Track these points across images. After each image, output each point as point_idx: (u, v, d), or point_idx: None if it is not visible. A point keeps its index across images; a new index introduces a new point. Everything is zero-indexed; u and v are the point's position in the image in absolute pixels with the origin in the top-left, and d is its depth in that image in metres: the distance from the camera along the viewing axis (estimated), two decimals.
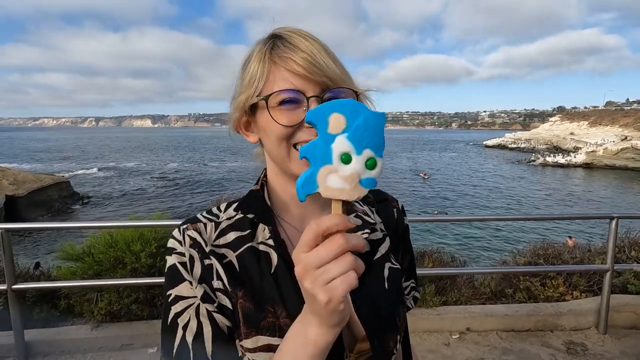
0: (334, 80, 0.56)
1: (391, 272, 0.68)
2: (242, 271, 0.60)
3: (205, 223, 0.64)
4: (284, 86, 0.55)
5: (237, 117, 0.62)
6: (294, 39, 0.56)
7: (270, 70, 0.57)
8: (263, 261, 0.61)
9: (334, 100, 0.43)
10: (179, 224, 0.64)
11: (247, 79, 0.59)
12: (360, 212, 0.71)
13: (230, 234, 0.63)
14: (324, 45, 0.58)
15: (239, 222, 0.64)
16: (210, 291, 0.58)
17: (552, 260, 3.59)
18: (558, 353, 2.82)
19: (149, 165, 48.22)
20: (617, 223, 2.91)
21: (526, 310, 3.13)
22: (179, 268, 0.59)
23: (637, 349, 2.80)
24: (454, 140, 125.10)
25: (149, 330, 2.82)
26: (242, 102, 0.60)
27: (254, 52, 0.60)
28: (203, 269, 0.59)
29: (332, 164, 0.42)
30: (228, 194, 5.60)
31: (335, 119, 0.41)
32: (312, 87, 0.56)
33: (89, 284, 2.82)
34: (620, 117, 59.38)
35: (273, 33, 0.60)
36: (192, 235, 0.61)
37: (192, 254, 0.60)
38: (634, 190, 29.25)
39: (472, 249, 12.70)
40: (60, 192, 23.76)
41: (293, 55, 0.55)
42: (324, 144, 0.41)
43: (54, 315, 3.17)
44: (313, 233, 0.42)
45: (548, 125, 77.10)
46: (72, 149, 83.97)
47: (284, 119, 0.56)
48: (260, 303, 0.58)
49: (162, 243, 3.19)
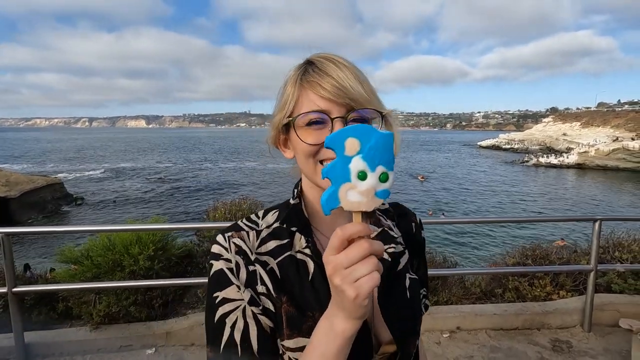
0: (358, 102, 0.61)
1: (411, 282, 0.74)
2: (284, 278, 0.65)
3: (247, 231, 0.69)
4: (310, 108, 0.61)
5: (274, 135, 0.69)
6: (324, 64, 0.62)
7: (300, 93, 0.63)
8: (301, 269, 0.66)
9: (348, 127, 0.49)
10: (222, 230, 0.69)
11: (282, 101, 0.66)
12: (386, 227, 0.77)
13: (270, 242, 0.68)
14: (354, 68, 0.63)
15: (278, 231, 0.69)
16: (255, 295, 0.64)
17: (539, 260, 3.70)
18: (544, 350, 2.92)
19: (144, 166, 47.95)
20: (600, 225, 3.02)
21: (514, 309, 3.24)
22: (226, 273, 0.64)
23: (620, 346, 2.90)
24: (449, 141, 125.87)
25: (147, 332, 2.88)
26: (277, 122, 0.67)
27: (290, 77, 0.66)
28: (248, 275, 0.64)
29: (351, 182, 0.48)
30: (225, 198, 5.64)
31: (350, 142, 0.47)
32: (337, 108, 0.61)
33: (88, 287, 2.86)
34: (612, 118, 60.15)
35: (308, 59, 0.66)
36: (237, 242, 0.67)
37: (237, 260, 0.65)
38: (624, 191, 29.69)
39: (463, 250, 12.85)
40: (54, 194, 23.56)
41: (320, 80, 0.60)
42: (343, 165, 0.48)
43: (52, 318, 3.21)
44: (339, 238, 0.48)
45: (541, 126, 77.84)
46: (66, 149, 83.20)
47: (310, 138, 0.62)
48: (301, 308, 0.63)
49: (160, 246, 3.26)
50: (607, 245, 3.79)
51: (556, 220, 8.48)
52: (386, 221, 0.79)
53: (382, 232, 0.75)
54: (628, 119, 56.03)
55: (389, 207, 0.83)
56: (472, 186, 30.92)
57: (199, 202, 24.38)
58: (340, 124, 0.60)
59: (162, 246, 3.28)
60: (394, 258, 0.73)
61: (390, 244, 0.74)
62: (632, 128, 50.30)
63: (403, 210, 0.85)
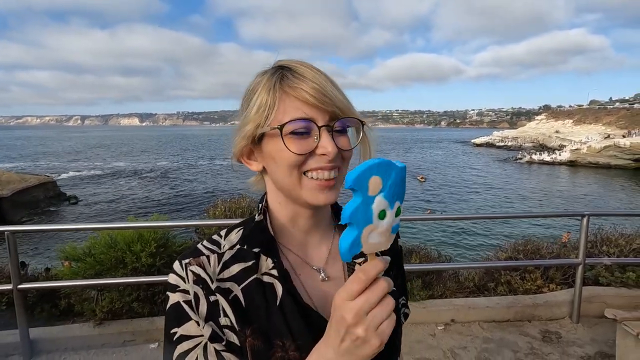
0: (342, 110, 0.58)
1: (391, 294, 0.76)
2: (248, 306, 0.60)
3: (207, 255, 0.62)
4: (295, 115, 0.56)
5: (242, 146, 0.62)
6: (300, 69, 0.58)
7: (281, 99, 0.57)
8: (268, 293, 0.61)
9: (370, 163, 0.45)
10: (180, 256, 0.62)
11: (255, 109, 0.59)
12: None
13: (234, 267, 0.62)
14: (329, 76, 0.60)
15: (243, 252, 0.63)
16: (218, 329, 0.58)
17: (530, 255, 3.82)
18: (534, 341, 3.04)
19: (139, 164, 47.62)
20: (587, 220, 3.14)
21: (506, 302, 3.35)
22: (183, 307, 0.58)
23: (607, 337, 3.03)
24: (444, 139, 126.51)
25: (150, 327, 2.95)
26: (250, 131, 0.59)
27: (260, 83, 0.60)
28: (209, 306, 0.58)
29: (373, 223, 0.45)
30: (223, 196, 5.69)
31: (374, 181, 0.44)
32: (321, 116, 0.57)
33: (91, 283, 2.92)
34: (604, 116, 60.98)
35: (279, 65, 0.61)
36: (195, 270, 0.60)
37: (196, 291, 0.59)
38: (614, 188, 30.17)
39: (457, 246, 13.02)
40: (46, 193, 23.36)
41: (303, 85, 0.56)
42: (366, 207, 0.44)
43: (55, 315, 3.26)
44: (363, 283, 0.45)
45: (534, 124, 78.55)
46: (58, 148, 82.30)
47: (296, 147, 0.56)
48: (268, 338, 0.58)
49: (161, 243, 3.31)
50: (595, 239, 3.92)
51: (544, 216, 8.64)
52: None
53: None
54: (619, 116, 56.83)
55: None
56: (466, 184, 31.21)
57: (198, 199, 24.34)
58: (327, 133, 0.57)
59: (164, 243, 3.34)
60: None
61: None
62: (623, 125, 51.05)
63: None
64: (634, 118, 52.43)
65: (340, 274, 0.68)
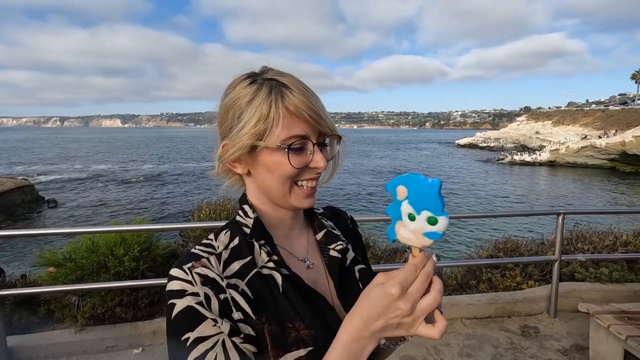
0: (330, 129, 0.67)
1: (361, 272, 0.79)
2: (257, 297, 0.63)
3: (207, 257, 0.64)
4: (296, 132, 0.63)
5: (234, 153, 0.65)
6: (297, 86, 0.64)
7: (283, 115, 0.62)
8: (270, 283, 0.65)
9: (401, 176, 0.55)
10: (177, 263, 0.64)
11: (254, 121, 0.62)
12: (329, 227, 0.80)
13: (234, 264, 0.65)
14: (315, 93, 0.67)
15: (238, 250, 0.67)
16: (234, 324, 0.60)
17: (510, 253, 3.95)
18: (514, 336, 3.14)
19: (121, 166, 46.57)
20: (563, 218, 3.27)
21: (487, 299, 3.45)
22: (197, 308, 0.58)
23: (582, 330, 3.15)
24: (429, 140, 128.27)
25: (133, 332, 2.91)
26: (247, 142, 0.63)
27: (257, 94, 0.63)
28: (220, 304, 0.60)
29: (402, 221, 0.56)
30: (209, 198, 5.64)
31: (400, 189, 0.55)
32: (314, 133, 0.65)
33: (72, 289, 2.86)
34: (581, 117, 62.99)
35: (275, 80, 0.64)
36: (201, 272, 0.61)
37: (206, 291, 0.60)
38: (591, 187, 31.25)
39: (440, 245, 13.25)
40: (24, 197, 22.57)
41: (302, 105, 0.62)
42: (395, 207, 0.57)
43: (34, 322, 3.18)
44: (427, 277, 0.53)
45: (515, 125, 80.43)
46: (36, 150, 79.67)
47: (295, 161, 0.63)
48: (281, 323, 0.62)
49: (145, 247, 3.27)
50: (571, 237, 4.07)
51: (521, 214, 8.88)
52: (327, 222, 0.82)
53: (327, 232, 0.78)
54: (595, 117, 58.85)
55: (324, 211, 0.87)
56: (451, 185, 31.75)
57: (183, 202, 23.96)
58: (318, 149, 0.65)
59: (147, 247, 3.30)
60: (342, 254, 0.77)
61: (337, 241, 0.76)
62: (599, 126, 52.89)
63: (336, 210, 0.90)
64: (609, 119, 54.41)
65: (319, 262, 0.76)
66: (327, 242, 0.77)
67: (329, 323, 0.65)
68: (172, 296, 0.60)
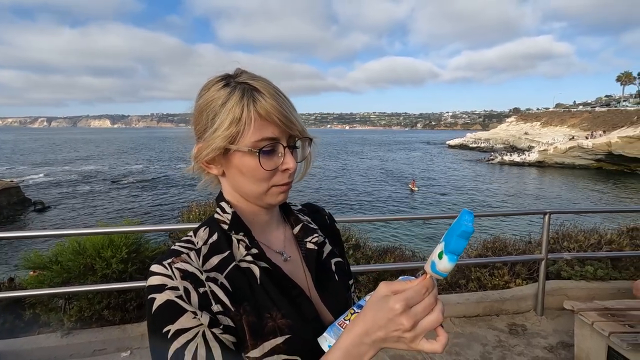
0: (301, 132, 0.69)
1: (337, 265, 0.82)
2: (235, 289, 0.65)
3: (187, 253, 0.66)
4: (266, 135, 0.64)
5: (208, 155, 0.67)
6: (268, 91, 0.65)
7: (254, 119, 0.63)
8: (248, 275, 0.67)
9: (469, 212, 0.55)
10: (157, 259, 0.64)
11: (227, 123, 0.64)
12: (305, 222, 0.83)
13: (213, 259, 0.67)
14: (287, 96, 0.68)
15: (216, 245, 0.69)
16: (213, 316, 0.61)
17: (499, 252, 4.00)
18: (502, 334, 3.19)
19: (109, 167, 45.93)
20: (549, 218, 3.33)
21: (475, 298, 3.49)
22: (177, 302, 0.59)
23: (567, 327, 3.21)
24: (420, 141, 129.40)
25: (121, 335, 2.87)
26: (220, 144, 0.65)
27: (230, 98, 0.64)
28: (200, 297, 0.61)
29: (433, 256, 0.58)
30: (198, 199, 5.60)
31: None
32: (285, 137, 0.67)
33: (59, 292, 2.81)
34: (568, 118, 64.12)
35: (247, 83, 0.65)
36: (181, 267, 0.62)
37: (185, 285, 0.61)
38: (578, 186, 31.86)
39: (430, 245, 13.37)
40: (10, 198, 22.16)
41: (273, 109, 0.63)
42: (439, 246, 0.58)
43: (19, 326, 3.12)
44: (434, 300, 0.55)
45: (505, 126, 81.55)
46: (23, 151, 78.10)
47: (267, 164, 0.65)
48: (259, 313, 0.64)
49: (133, 249, 3.24)
50: (557, 236, 4.15)
51: (509, 214, 9.01)
52: (304, 217, 0.85)
53: (303, 227, 0.81)
54: (582, 118, 59.98)
55: (302, 207, 0.90)
56: (442, 184, 32.05)
57: (173, 203, 23.72)
58: (289, 152, 0.67)
59: (136, 249, 3.26)
60: (319, 247, 0.80)
61: (313, 234, 0.79)
62: (586, 127, 53.93)
63: (315, 207, 0.92)
64: (596, 120, 55.46)
65: (297, 255, 0.78)
66: (304, 235, 0.79)
67: (306, 313, 0.68)
68: (152, 291, 0.60)
